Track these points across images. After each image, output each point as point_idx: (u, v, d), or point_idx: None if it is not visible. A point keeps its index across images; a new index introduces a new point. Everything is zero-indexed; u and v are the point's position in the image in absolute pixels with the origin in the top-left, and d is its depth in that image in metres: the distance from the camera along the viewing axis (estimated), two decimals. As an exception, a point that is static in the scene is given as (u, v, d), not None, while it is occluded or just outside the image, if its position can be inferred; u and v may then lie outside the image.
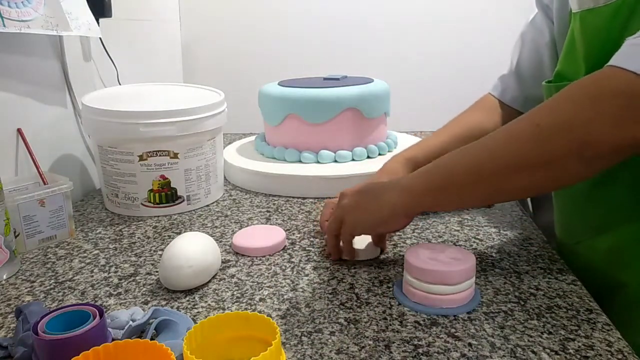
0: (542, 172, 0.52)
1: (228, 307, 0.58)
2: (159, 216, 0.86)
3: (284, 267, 0.67)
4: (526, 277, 0.63)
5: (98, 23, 0.97)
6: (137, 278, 0.65)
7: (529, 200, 0.97)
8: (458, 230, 0.77)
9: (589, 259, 0.66)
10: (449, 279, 0.55)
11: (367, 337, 0.51)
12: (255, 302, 0.59)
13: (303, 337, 0.52)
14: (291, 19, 1.56)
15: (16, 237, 0.71)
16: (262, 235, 0.74)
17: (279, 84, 1.07)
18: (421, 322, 0.54)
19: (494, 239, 0.74)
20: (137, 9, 1.30)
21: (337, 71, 1.17)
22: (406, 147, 0.85)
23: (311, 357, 0.48)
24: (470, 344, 0.50)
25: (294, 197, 0.94)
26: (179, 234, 0.75)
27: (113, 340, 0.48)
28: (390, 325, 0.53)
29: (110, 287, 0.63)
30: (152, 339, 0.50)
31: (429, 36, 1.55)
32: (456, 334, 0.52)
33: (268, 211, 0.87)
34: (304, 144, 1.00)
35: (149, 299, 0.60)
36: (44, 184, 0.79)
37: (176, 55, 1.58)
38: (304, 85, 1.02)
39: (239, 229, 0.79)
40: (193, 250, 0.61)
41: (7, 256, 0.66)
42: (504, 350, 0.49)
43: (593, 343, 0.49)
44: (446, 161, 0.59)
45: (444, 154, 0.60)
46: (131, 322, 0.51)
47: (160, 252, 0.72)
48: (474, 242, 0.73)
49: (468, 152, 0.57)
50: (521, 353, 0.48)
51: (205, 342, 0.45)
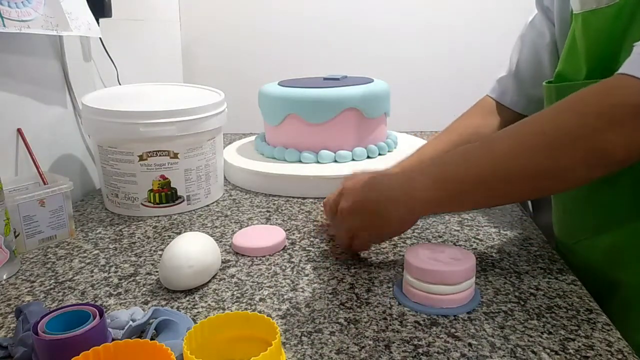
0: (549, 180, 0.52)
1: (228, 307, 0.58)
2: (159, 216, 0.86)
3: (284, 267, 0.67)
4: (526, 277, 0.63)
5: (98, 23, 0.97)
6: (137, 278, 0.65)
7: (529, 200, 0.97)
8: (458, 230, 0.77)
9: (588, 259, 0.66)
10: (449, 279, 0.55)
11: (367, 337, 0.51)
12: (255, 302, 0.59)
13: (303, 337, 0.52)
14: (291, 19, 1.56)
15: (16, 237, 0.71)
16: (262, 235, 0.74)
17: (279, 84, 1.07)
18: (421, 322, 0.54)
19: (494, 239, 0.74)
20: (137, 9, 1.30)
21: (337, 71, 1.17)
22: (406, 147, 0.85)
23: (311, 357, 0.48)
24: (470, 344, 0.50)
25: (294, 197, 0.94)
26: (179, 234, 0.75)
27: (113, 340, 0.48)
28: (390, 325, 0.53)
29: (110, 287, 0.63)
30: (152, 339, 0.50)
31: (429, 36, 1.55)
32: (456, 334, 0.52)
33: (268, 211, 0.87)
34: (304, 144, 1.00)
35: (149, 299, 0.60)
36: (44, 184, 0.79)
37: (176, 55, 1.58)
38: (304, 85, 1.02)
39: (239, 229, 0.79)
40: (193, 250, 0.61)
41: (7, 256, 0.66)
42: (504, 350, 0.49)
43: (593, 343, 0.49)
44: (453, 172, 0.58)
45: None
46: (131, 322, 0.51)
47: (160, 252, 0.72)
48: (474, 242, 0.73)
49: (473, 163, 0.57)
50: (521, 353, 0.48)
51: (205, 342, 0.45)
